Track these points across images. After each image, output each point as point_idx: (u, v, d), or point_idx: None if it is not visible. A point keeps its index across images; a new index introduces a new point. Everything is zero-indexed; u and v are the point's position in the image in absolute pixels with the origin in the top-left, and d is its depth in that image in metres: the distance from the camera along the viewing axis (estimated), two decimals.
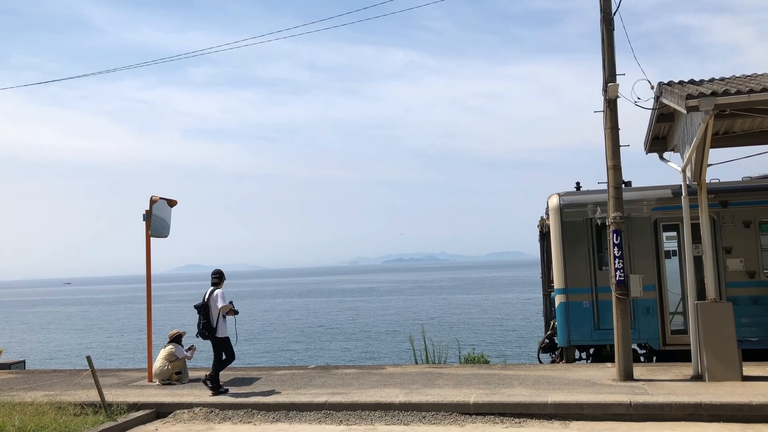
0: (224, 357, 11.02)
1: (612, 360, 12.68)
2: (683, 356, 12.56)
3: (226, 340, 11.09)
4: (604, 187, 13.42)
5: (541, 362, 14.28)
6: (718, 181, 13.30)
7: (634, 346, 13.32)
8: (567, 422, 8.69)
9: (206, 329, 10.94)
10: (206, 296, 11.02)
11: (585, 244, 13.25)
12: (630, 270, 12.57)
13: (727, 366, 9.96)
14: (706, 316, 10.22)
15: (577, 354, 13.74)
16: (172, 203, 12.86)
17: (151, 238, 12.40)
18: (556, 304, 13.47)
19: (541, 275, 14.59)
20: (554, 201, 13.56)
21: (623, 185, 14.10)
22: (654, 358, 13.28)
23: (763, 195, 12.64)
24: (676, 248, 13.14)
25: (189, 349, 12.52)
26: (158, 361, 12.05)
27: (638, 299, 12.49)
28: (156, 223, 12.35)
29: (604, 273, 13.04)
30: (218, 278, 11.22)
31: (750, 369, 10.53)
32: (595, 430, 8.30)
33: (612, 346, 12.64)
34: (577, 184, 14.14)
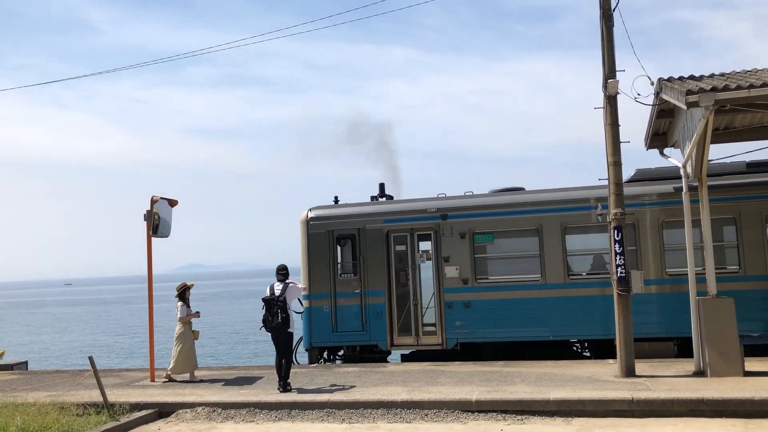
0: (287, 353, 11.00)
1: (349, 360, 14.11)
2: (410, 356, 14.31)
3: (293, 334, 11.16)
4: (360, 201, 14.99)
5: (297, 363, 14.90)
6: (444, 195, 14.41)
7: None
8: (569, 419, 8.70)
9: (286, 324, 10.81)
10: (278, 290, 10.80)
11: (327, 253, 14.39)
12: (363, 278, 13.98)
13: (729, 361, 9.96)
14: (707, 312, 10.22)
15: (331, 354, 14.73)
16: (173, 203, 12.86)
17: (153, 238, 12.41)
18: (302, 308, 14.35)
19: None
20: (303, 215, 14.83)
21: (386, 197, 15.43)
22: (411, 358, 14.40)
23: (478, 209, 13.80)
24: (409, 257, 14.16)
25: (196, 312, 12.45)
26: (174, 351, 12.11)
27: (370, 304, 13.87)
28: (157, 222, 12.34)
29: (342, 280, 14.35)
30: (286, 273, 11.19)
31: (752, 364, 10.54)
32: (598, 426, 8.31)
33: (349, 347, 14.26)
34: (336, 198, 15.27)
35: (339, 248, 14.57)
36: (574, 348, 13.89)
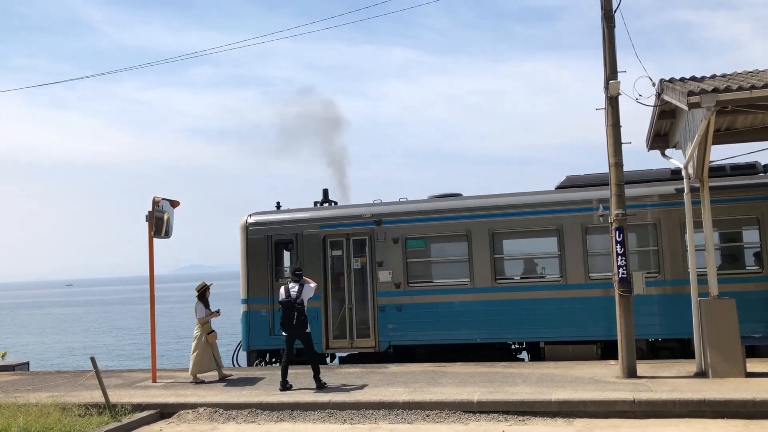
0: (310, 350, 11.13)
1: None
2: (347, 358, 14.58)
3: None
4: (302, 207, 15.21)
5: (237, 365, 15.23)
6: (380, 201, 14.72)
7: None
8: (571, 420, 8.70)
9: (305, 326, 10.96)
10: (295, 291, 10.88)
11: (265, 258, 14.63)
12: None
13: (730, 362, 9.95)
14: (709, 312, 10.21)
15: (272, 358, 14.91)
16: (174, 204, 12.89)
17: (154, 239, 12.43)
18: (241, 312, 14.73)
19: None
20: (243, 221, 15.03)
21: (329, 203, 15.68)
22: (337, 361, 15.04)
23: (410, 215, 14.12)
24: (345, 262, 14.44)
25: (215, 311, 12.52)
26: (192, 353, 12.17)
27: (307, 308, 13.68)
28: (159, 223, 12.38)
29: (279, 285, 14.13)
30: (301, 273, 11.30)
31: (753, 365, 10.54)
32: (599, 427, 8.31)
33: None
34: (278, 203, 15.50)
35: (277, 253, 14.79)
36: (512, 352, 14.08)
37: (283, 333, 11.10)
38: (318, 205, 15.75)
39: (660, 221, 12.73)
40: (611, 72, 10.66)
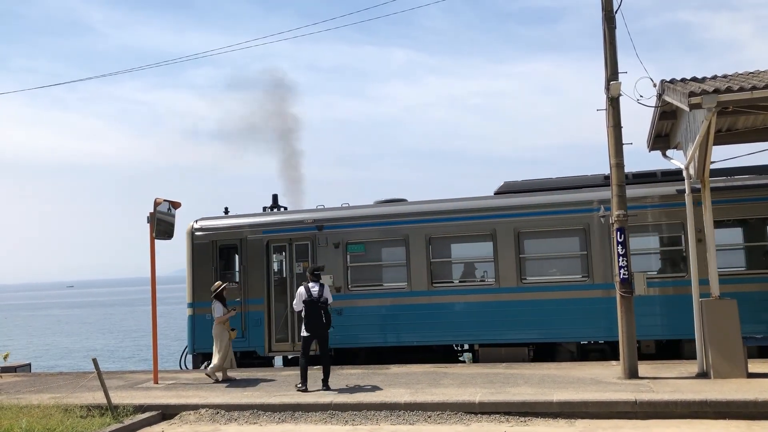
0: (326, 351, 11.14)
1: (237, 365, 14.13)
2: (291, 360, 14.80)
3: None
4: (249, 212, 15.39)
5: (185, 368, 15.29)
6: (323, 207, 15.05)
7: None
8: (572, 420, 8.70)
9: (329, 324, 11.00)
10: (316, 291, 10.85)
11: (211, 263, 14.86)
12: (244, 287, 14.47)
13: (732, 363, 9.95)
14: (710, 313, 10.21)
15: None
16: (176, 205, 12.89)
17: (155, 240, 12.44)
18: (187, 316, 14.88)
19: None
20: (189, 226, 15.29)
21: (279, 208, 15.90)
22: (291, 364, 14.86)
23: (350, 221, 14.36)
24: (283, 267, 14.75)
25: (232, 309, 12.72)
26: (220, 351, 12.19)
27: (250, 312, 14.31)
28: (160, 225, 12.39)
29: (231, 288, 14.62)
30: (320, 274, 11.34)
31: (755, 366, 10.53)
32: (601, 428, 8.31)
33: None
34: (226, 209, 15.71)
35: (222, 258, 14.99)
36: (455, 354, 14.27)
37: (305, 333, 10.94)
38: (269, 209, 15.94)
39: (589, 227, 12.91)
40: (612, 73, 10.66)
